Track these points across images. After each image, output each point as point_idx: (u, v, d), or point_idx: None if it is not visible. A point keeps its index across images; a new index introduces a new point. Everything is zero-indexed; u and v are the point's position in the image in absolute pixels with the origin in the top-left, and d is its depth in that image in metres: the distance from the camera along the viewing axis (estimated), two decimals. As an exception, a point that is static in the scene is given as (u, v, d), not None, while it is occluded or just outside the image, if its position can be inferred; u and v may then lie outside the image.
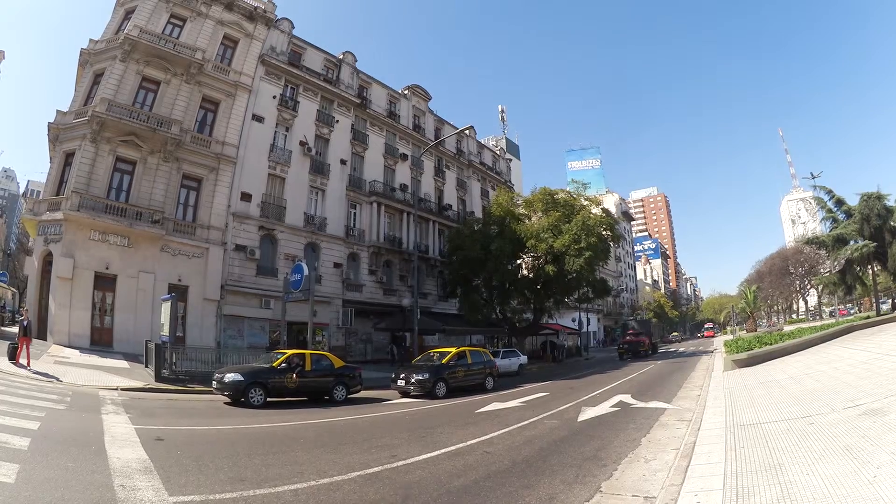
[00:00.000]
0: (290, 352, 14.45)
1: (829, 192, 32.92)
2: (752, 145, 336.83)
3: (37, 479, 5.11)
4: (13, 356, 14.13)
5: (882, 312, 30.60)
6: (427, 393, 15.12)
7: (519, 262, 33.69)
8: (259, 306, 24.49)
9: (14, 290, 37.53)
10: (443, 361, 16.52)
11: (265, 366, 13.59)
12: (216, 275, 23.08)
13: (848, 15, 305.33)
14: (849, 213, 31.24)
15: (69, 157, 21.35)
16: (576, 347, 44.93)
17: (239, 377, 12.56)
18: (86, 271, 19.74)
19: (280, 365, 13.46)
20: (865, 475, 4.29)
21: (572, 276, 29.44)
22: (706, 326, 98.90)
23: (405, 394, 15.54)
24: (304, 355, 14.25)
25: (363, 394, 15.65)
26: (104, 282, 20.29)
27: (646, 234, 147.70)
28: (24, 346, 14.31)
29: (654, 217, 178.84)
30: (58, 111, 22.50)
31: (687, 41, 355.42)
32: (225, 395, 12.66)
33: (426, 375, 15.33)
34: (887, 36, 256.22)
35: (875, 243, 28.40)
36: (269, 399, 12.77)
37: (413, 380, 15.29)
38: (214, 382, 12.94)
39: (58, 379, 12.96)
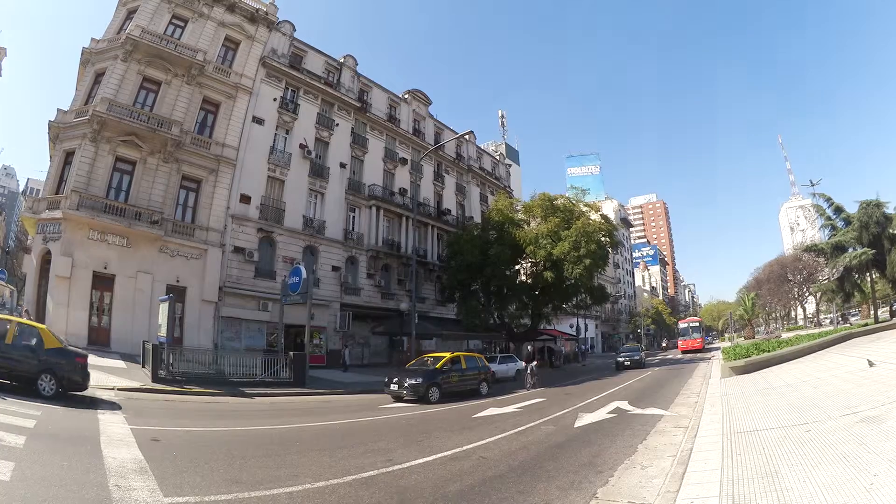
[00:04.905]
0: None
1: (828, 199, 33.00)
2: (752, 152, 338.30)
3: (32, 477, 5.09)
4: None
5: (880, 320, 30.64)
6: (420, 398, 15.08)
7: (517, 267, 33.68)
8: (257, 308, 24.43)
9: (12, 287, 37.47)
10: (436, 366, 16.50)
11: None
12: (214, 276, 23.04)
13: (848, 20, 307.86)
14: (848, 221, 31.30)
15: (69, 156, 21.35)
16: (573, 353, 44.89)
17: None
18: (84, 270, 19.69)
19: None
20: (863, 482, 4.29)
21: (571, 282, 29.47)
22: (681, 326, 54.92)
23: (398, 398, 15.49)
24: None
25: (360, 397, 15.60)
26: (102, 281, 20.23)
27: (644, 240, 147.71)
28: None
29: (653, 224, 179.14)
30: (58, 110, 22.52)
31: (686, 48, 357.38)
32: None
33: (419, 380, 15.32)
34: (888, 42, 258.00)
35: (874, 251, 28.44)
36: None
37: (406, 384, 15.25)
38: None
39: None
